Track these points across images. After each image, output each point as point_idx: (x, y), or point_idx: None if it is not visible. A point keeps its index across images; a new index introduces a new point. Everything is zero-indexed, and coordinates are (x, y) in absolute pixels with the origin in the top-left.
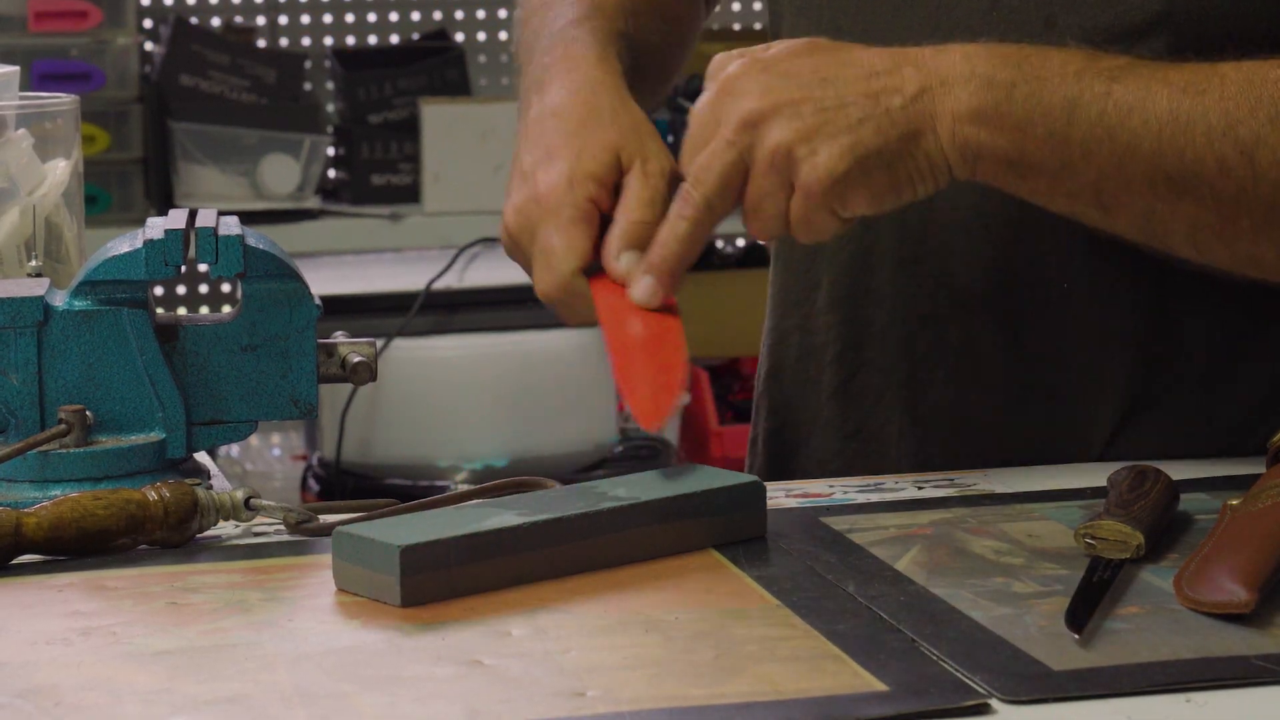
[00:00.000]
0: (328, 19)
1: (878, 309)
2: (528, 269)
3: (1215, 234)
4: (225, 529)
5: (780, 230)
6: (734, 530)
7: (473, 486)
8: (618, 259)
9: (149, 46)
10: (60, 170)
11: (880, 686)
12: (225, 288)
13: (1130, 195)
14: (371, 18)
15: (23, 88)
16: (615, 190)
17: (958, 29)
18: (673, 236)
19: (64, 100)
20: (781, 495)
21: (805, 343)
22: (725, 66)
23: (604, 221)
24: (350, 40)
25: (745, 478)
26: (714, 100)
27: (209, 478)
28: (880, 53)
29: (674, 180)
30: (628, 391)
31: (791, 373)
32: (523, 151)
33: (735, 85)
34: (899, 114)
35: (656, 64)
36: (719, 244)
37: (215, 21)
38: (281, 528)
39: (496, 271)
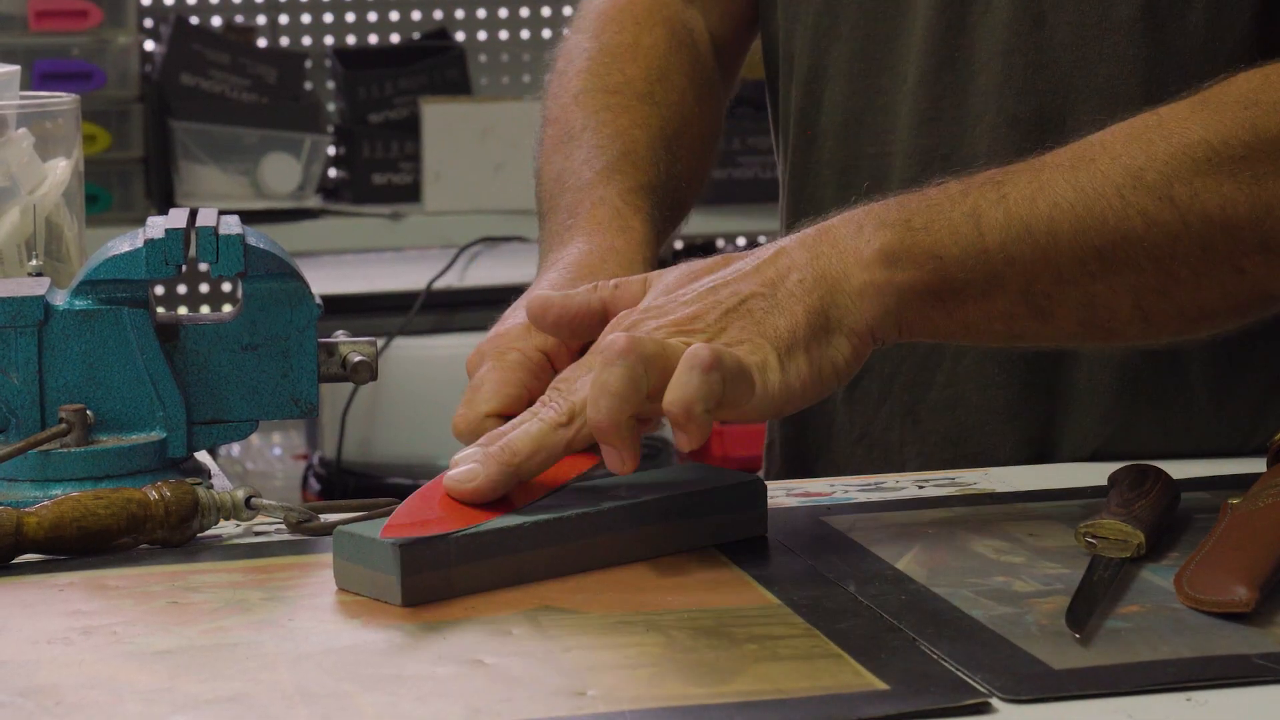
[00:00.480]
0: (328, 18)
1: None
2: None
3: (1160, 295)
4: (226, 528)
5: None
6: (734, 529)
7: None
8: (529, 306)
9: (150, 46)
10: (61, 169)
11: (881, 685)
12: (226, 287)
13: (1065, 287)
14: (372, 17)
15: (23, 87)
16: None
17: (952, 31)
18: (523, 435)
19: (65, 99)
20: (782, 494)
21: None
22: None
23: None
24: (351, 39)
25: (746, 477)
26: (602, 345)
27: (210, 477)
28: (760, 248)
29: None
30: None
31: None
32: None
33: (627, 321)
34: (799, 289)
35: (694, 186)
36: (719, 244)
37: (216, 21)
38: (282, 527)
39: (497, 270)
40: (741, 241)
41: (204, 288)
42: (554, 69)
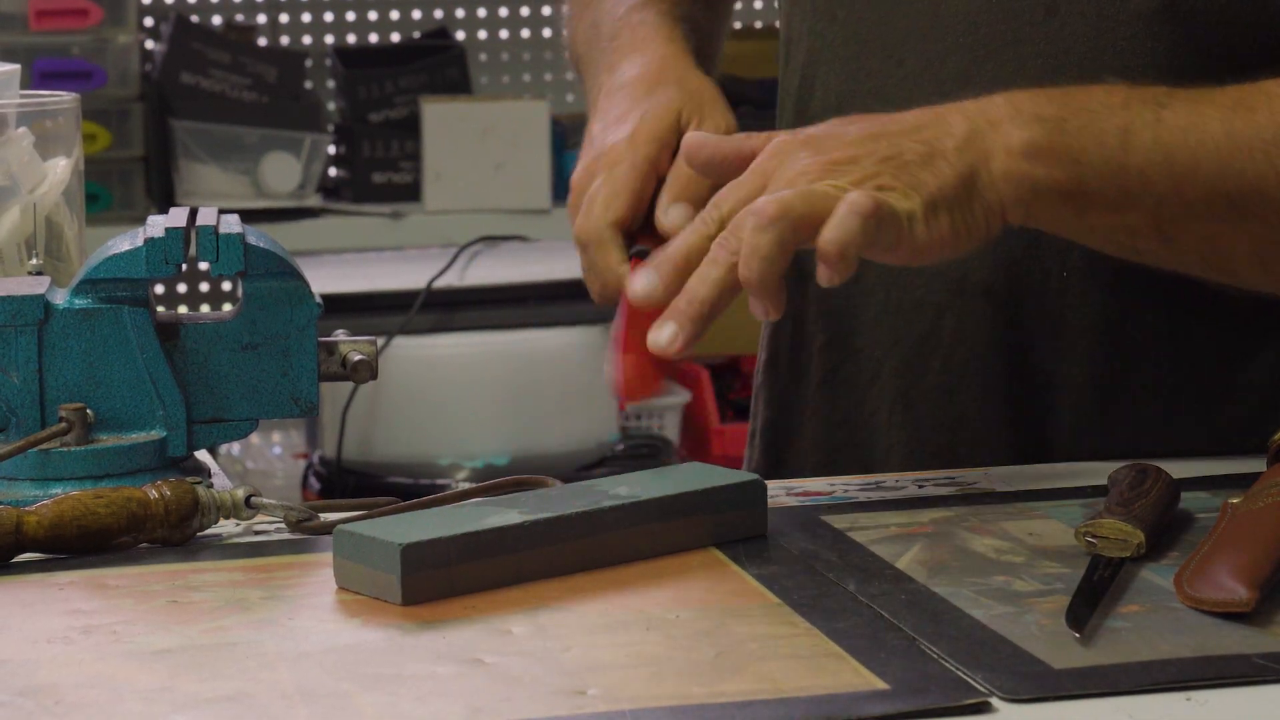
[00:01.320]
0: (328, 17)
1: (868, 298)
2: None
3: (1278, 247)
4: (226, 527)
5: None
6: (735, 528)
7: (473, 485)
8: (666, 212)
9: (150, 45)
10: (61, 168)
11: (881, 685)
12: (226, 286)
13: (1191, 220)
14: (372, 16)
15: (24, 86)
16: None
17: (958, 16)
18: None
19: (65, 98)
20: (782, 494)
21: (798, 332)
22: (763, 146)
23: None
24: (351, 38)
25: (746, 476)
26: (760, 165)
27: (210, 476)
28: (921, 110)
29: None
30: (617, 362)
31: (786, 362)
32: (594, 123)
33: (783, 151)
34: (953, 155)
35: (708, 50)
36: None
37: (216, 20)
38: (282, 526)
39: (497, 270)
40: None
41: (204, 287)
42: None
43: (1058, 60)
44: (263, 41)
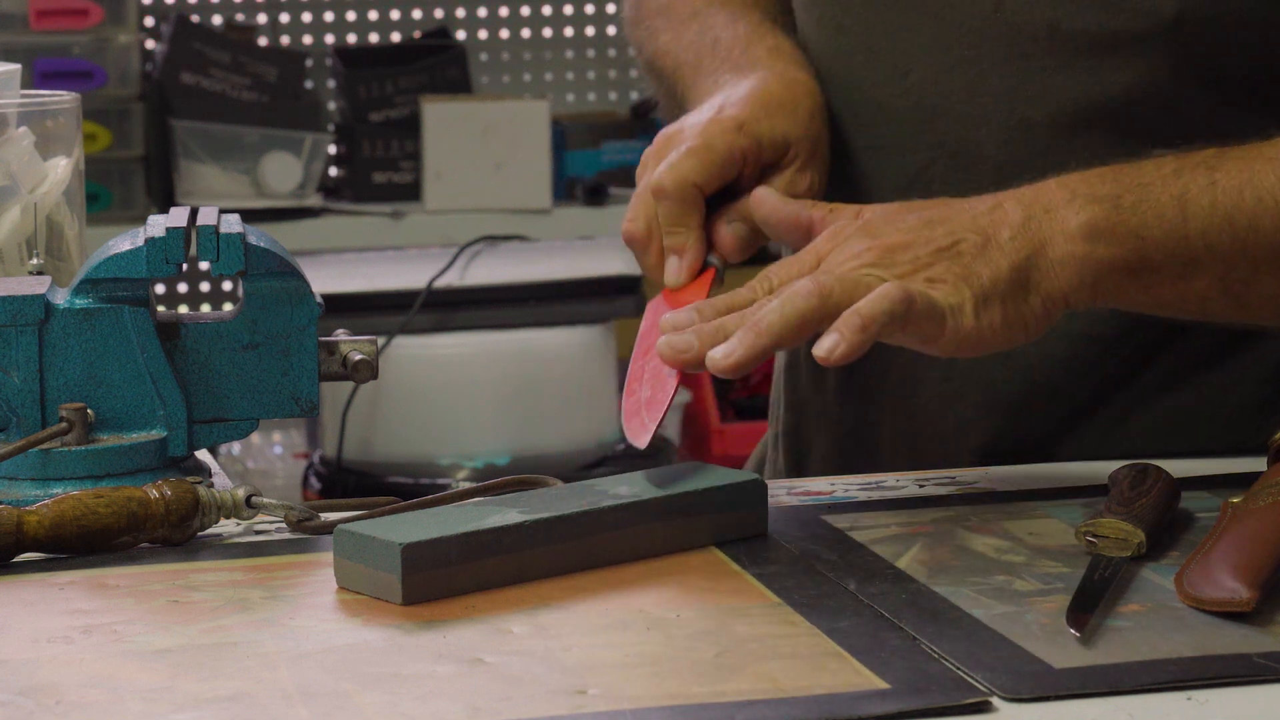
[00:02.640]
0: (329, 17)
1: None
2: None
3: None
4: (226, 527)
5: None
6: (735, 528)
7: (474, 484)
8: (730, 223)
9: (150, 44)
10: (61, 168)
11: (881, 684)
12: (226, 286)
13: (1260, 277)
14: (373, 16)
15: (24, 86)
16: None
17: (961, 31)
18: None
19: (65, 98)
20: (783, 493)
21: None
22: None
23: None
24: (351, 38)
25: (746, 476)
26: (816, 247)
27: (210, 476)
28: (977, 198)
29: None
30: (629, 395)
31: (805, 369)
32: (706, 99)
33: (840, 235)
34: (1009, 244)
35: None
36: None
37: (216, 20)
38: (283, 526)
39: (498, 269)
40: None
41: (205, 286)
42: None
43: (1060, 76)
44: (263, 41)
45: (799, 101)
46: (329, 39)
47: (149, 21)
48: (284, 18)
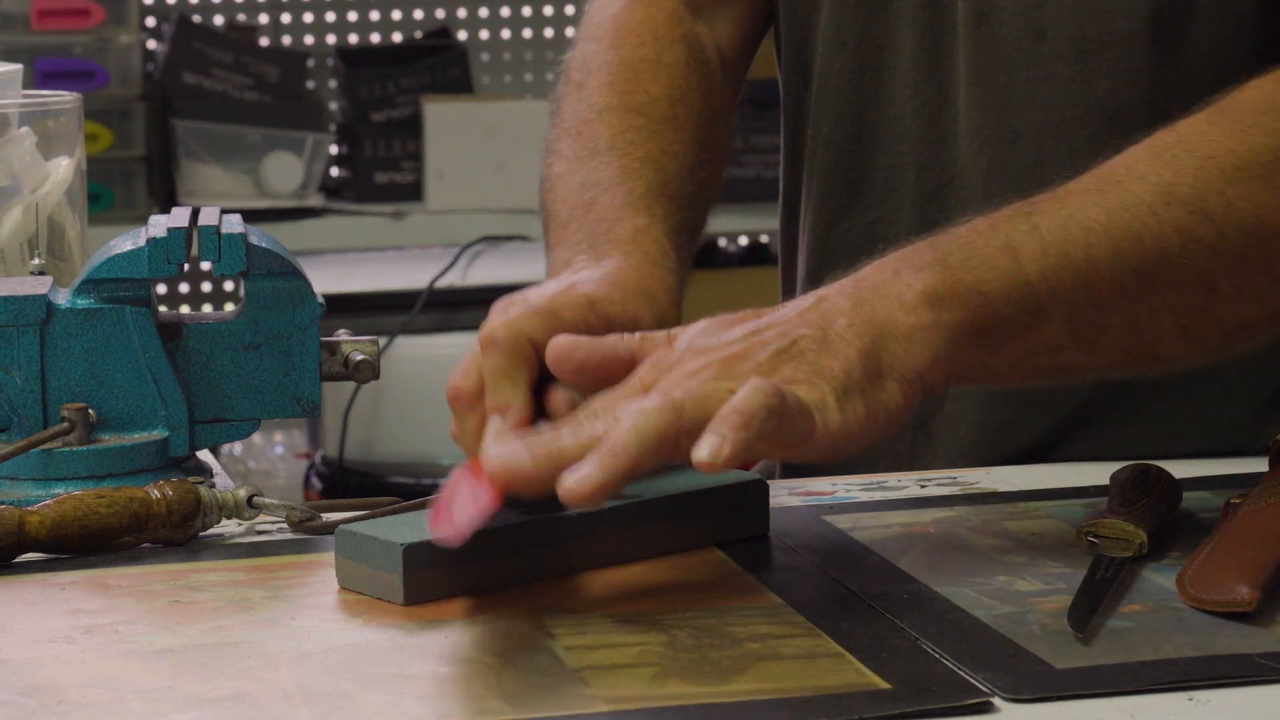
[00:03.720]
0: (330, 17)
1: None
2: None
3: (1200, 312)
4: (228, 527)
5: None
6: (737, 528)
7: None
8: (557, 391)
9: (152, 45)
10: (63, 168)
11: (883, 685)
12: (228, 286)
13: (1107, 312)
14: (374, 16)
15: (26, 86)
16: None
17: (950, 40)
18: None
19: (67, 98)
20: (784, 493)
21: None
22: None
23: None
24: (353, 38)
25: (748, 476)
26: (640, 376)
27: (211, 476)
28: (789, 302)
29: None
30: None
31: None
32: (552, 270)
33: (663, 362)
34: (849, 332)
35: (706, 215)
36: (721, 242)
37: (218, 20)
38: (284, 526)
39: (499, 269)
40: (744, 240)
41: (206, 286)
42: (568, 78)
43: (1046, 84)
44: (265, 41)
45: (654, 291)
46: (330, 39)
47: (150, 21)
48: (285, 18)
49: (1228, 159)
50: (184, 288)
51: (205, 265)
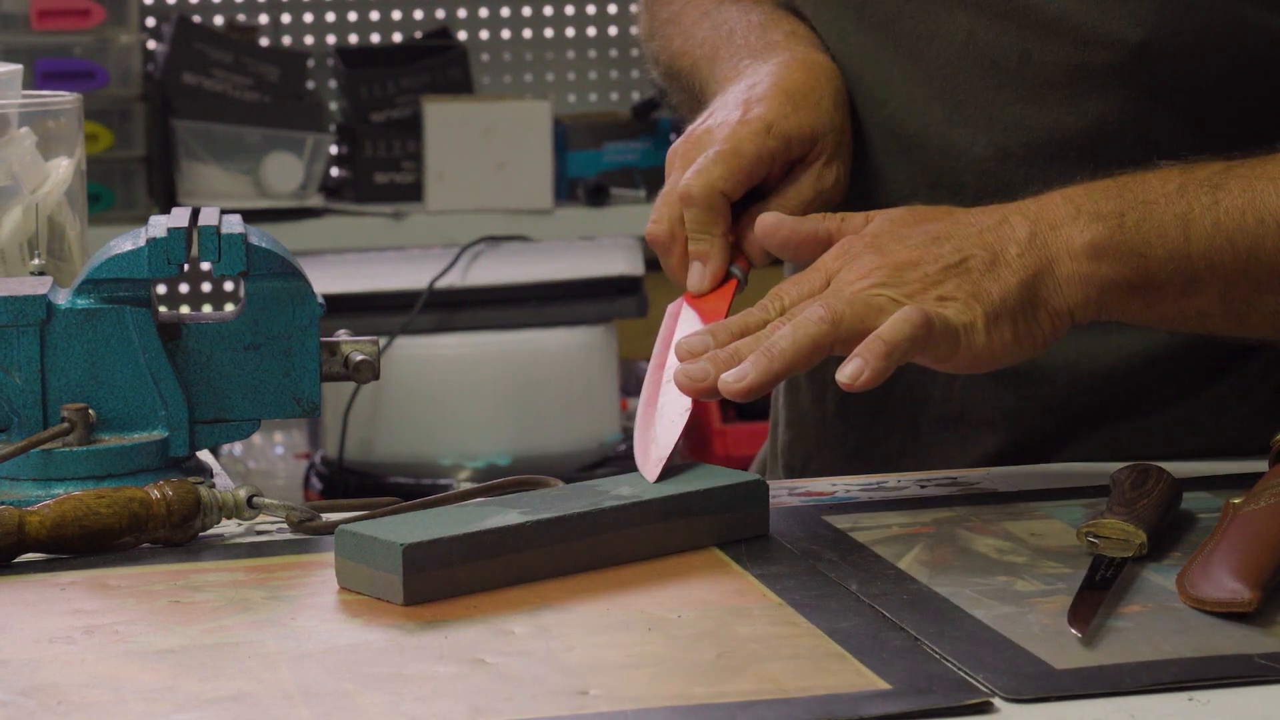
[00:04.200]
0: (330, 17)
1: None
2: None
3: None
4: (228, 527)
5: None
6: (737, 528)
7: (475, 485)
8: (761, 222)
9: (152, 45)
10: (63, 168)
11: (883, 685)
12: (228, 286)
13: (1261, 296)
14: (374, 16)
15: (26, 86)
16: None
17: (937, 63)
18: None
19: (67, 98)
20: (784, 494)
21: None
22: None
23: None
24: (353, 38)
25: (748, 476)
26: (824, 263)
27: (212, 476)
28: (982, 209)
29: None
30: (641, 426)
31: (806, 389)
32: (730, 89)
33: (848, 251)
34: (1017, 262)
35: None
36: None
37: (218, 20)
38: (284, 526)
39: (499, 270)
40: None
41: (206, 287)
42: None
43: (1034, 107)
44: (265, 41)
45: (822, 90)
46: (330, 39)
47: (150, 22)
48: (285, 18)
49: None
50: (184, 288)
51: (205, 265)
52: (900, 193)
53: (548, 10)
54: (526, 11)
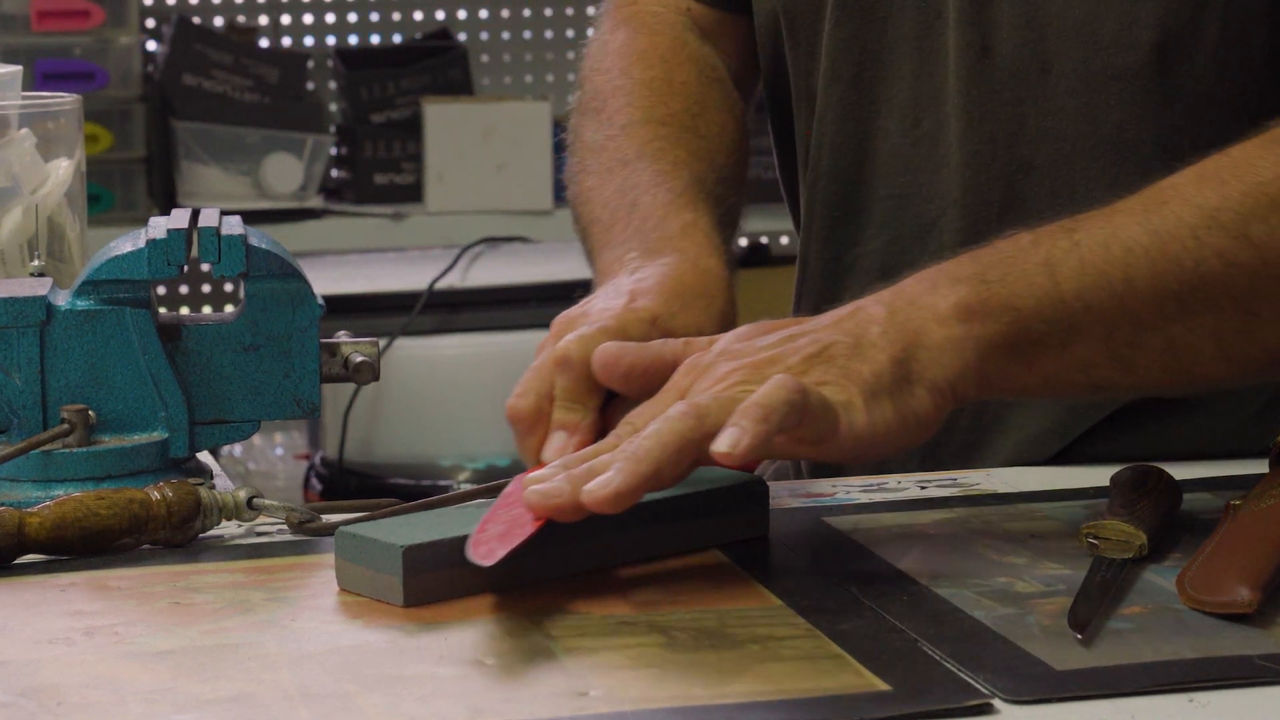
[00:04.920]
0: (330, 18)
1: None
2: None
3: (1242, 335)
4: (228, 529)
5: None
6: (738, 530)
7: (476, 486)
8: (600, 353)
9: (152, 46)
10: (63, 169)
11: (883, 686)
12: (228, 287)
13: (1144, 333)
14: (374, 17)
15: (26, 87)
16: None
17: (957, 79)
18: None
19: (67, 99)
20: (785, 495)
21: None
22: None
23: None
24: (353, 39)
25: (749, 477)
26: (675, 383)
27: (211, 477)
28: (834, 310)
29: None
30: (479, 529)
31: None
32: (608, 285)
33: (698, 366)
34: (881, 340)
35: (737, 222)
36: None
37: (218, 21)
38: (284, 527)
39: (499, 271)
40: (744, 241)
41: (206, 288)
42: (583, 109)
43: (1054, 119)
44: (264, 42)
45: (713, 294)
46: (330, 40)
47: (150, 23)
48: (285, 19)
49: (1274, 186)
50: (184, 289)
51: (205, 267)
52: (929, 213)
53: (548, 11)
54: (526, 12)
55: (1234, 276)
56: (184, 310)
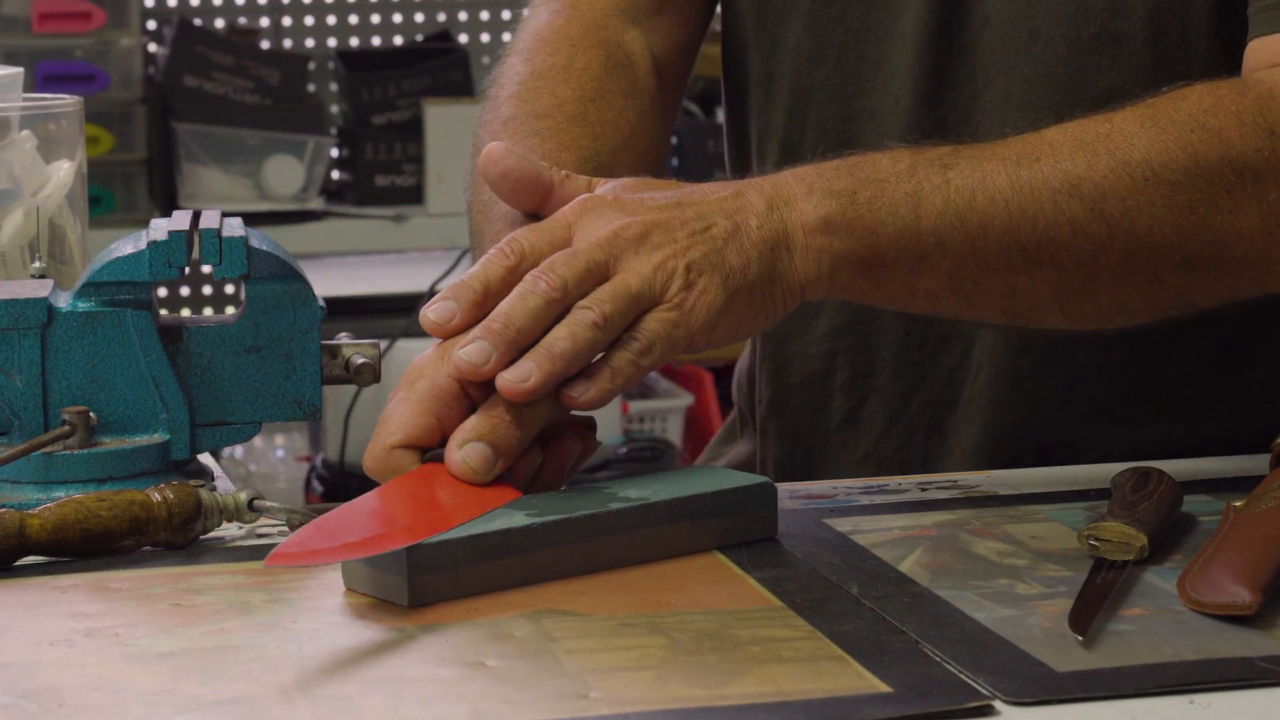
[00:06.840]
0: (331, 20)
1: (887, 335)
2: None
3: (1079, 293)
4: (229, 530)
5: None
6: (742, 531)
7: None
8: (459, 448)
9: (153, 48)
10: (64, 171)
11: (884, 688)
12: (229, 289)
13: (988, 276)
14: (375, 19)
15: (26, 89)
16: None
17: (945, 49)
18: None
19: (68, 101)
20: (785, 497)
21: (807, 369)
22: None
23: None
24: (354, 41)
25: (755, 479)
26: (564, 216)
27: (212, 479)
28: (718, 184)
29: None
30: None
31: (798, 399)
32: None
33: (590, 208)
34: (756, 234)
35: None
36: None
37: (219, 23)
38: (285, 529)
39: None
40: None
41: (207, 290)
42: (488, 95)
43: (1042, 85)
44: (265, 44)
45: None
46: (331, 42)
47: (151, 24)
48: (286, 21)
49: (1140, 169)
50: (185, 291)
51: (206, 268)
52: None
53: None
54: (527, 14)
55: (1081, 244)
56: (185, 312)
